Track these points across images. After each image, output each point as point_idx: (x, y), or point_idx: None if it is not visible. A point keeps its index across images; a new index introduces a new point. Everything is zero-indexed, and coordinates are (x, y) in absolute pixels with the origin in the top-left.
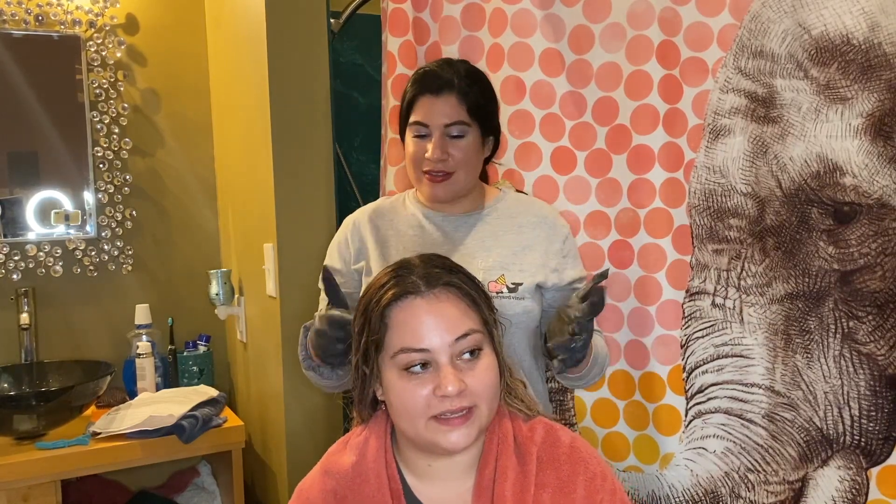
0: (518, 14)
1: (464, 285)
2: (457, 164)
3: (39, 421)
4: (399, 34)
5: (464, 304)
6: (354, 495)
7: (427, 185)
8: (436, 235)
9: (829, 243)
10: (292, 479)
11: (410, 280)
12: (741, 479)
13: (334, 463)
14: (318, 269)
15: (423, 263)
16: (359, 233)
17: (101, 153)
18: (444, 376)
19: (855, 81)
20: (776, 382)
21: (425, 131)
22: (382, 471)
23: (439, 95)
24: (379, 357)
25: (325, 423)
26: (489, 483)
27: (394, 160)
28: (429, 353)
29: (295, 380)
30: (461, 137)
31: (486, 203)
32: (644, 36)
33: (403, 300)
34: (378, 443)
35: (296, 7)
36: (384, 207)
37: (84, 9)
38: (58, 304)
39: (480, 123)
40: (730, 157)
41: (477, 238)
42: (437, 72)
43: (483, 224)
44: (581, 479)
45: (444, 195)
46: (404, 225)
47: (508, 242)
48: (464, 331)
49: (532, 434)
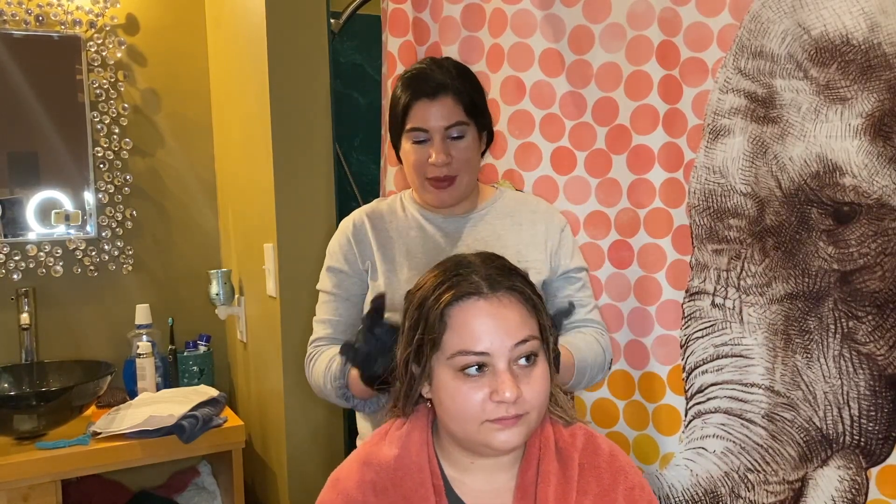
0: (518, 14)
1: (526, 289)
2: (460, 165)
3: (39, 421)
4: (399, 34)
5: (525, 310)
6: (396, 488)
7: (432, 193)
8: (438, 237)
9: (829, 243)
10: (292, 479)
11: (472, 280)
12: (741, 479)
13: (374, 454)
14: (319, 269)
15: (482, 263)
16: (361, 233)
17: (101, 153)
18: (501, 382)
19: (854, 82)
20: (776, 382)
21: (425, 136)
22: (425, 465)
23: (435, 99)
24: (433, 356)
25: (325, 423)
26: (531, 485)
27: (394, 160)
28: (487, 357)
29: (295, 380)
30: (461, 138)
31: (483, 202)
32: (644, 36)
33: (465, 301)
34: (421, 437)
35: (296, 7)
36: (381, 210)
37: (84, 9)
38: (58, 304)
39: (476, 120)
40: (729, 157)
41: (479, 238)
42: (429, 74)
43: (483, 224)
44: (622, 489)
45: (450, 199)
46: (405, 227)
47: (511, 242)
48: (523, 336)
49: (573, 440)
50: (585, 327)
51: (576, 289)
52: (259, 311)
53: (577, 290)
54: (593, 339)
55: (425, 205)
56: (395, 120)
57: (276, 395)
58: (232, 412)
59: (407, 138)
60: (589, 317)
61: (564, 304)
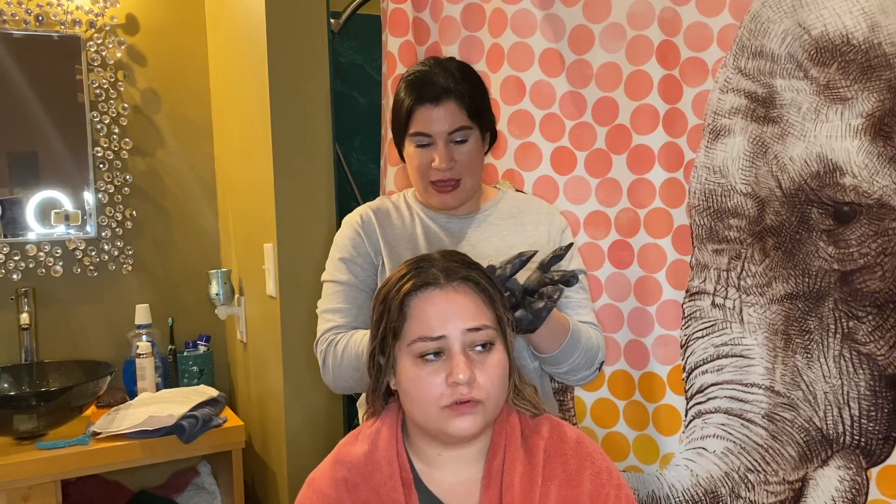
0: (518, 14)
1: (481, 280)
2: (463, 168)
3: (39, 421)
4: (399, 34)
5: (480, 299)
6: (366, 483)
7: (436, 196)
8: (442, 236)
9: (829, 243)
10: (292, 479)
11: (431, 272)
12: (741, 479)
13: (346, 453)
14: (319, 269)
15: (443, 258)
16: (369, 228)
17: (101, 153)
18: (455, 364)
19: (855, 81)
20: (776, 382)
21: (428, 140)
22: (394, 459)
23: (439, 104)
24: (395, 346)
25: (325, 423)
26: (498, 472)
27: (394, 160)
28: (444, 341)
29: (295, 380)
30: (464, 142)
31: (486, 203)
32: (644, 36)
33: (423, 291)
34: (390, 433)
35: (296, 7)
36: (387, 207)
37: (84, 9)
38: (58, 304)
39: (479, 122)
40: (730, 157)
41: (483, 238)
42: (432, 78)
43: (487, 224)
44: (588, 474)
45: (453, 202)
46: (410, 226)
47: (513, 242)
48: (477, 324)
49: (539, 429)
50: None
51: (574, 290)
52: (259, 311)
53: (574, 293)
54: (594, 332)
55: (430, 206)
56: (399, 123)
57: (275, 395)
58: (232, 412)
59: (410, 141)
60: (586, 319)
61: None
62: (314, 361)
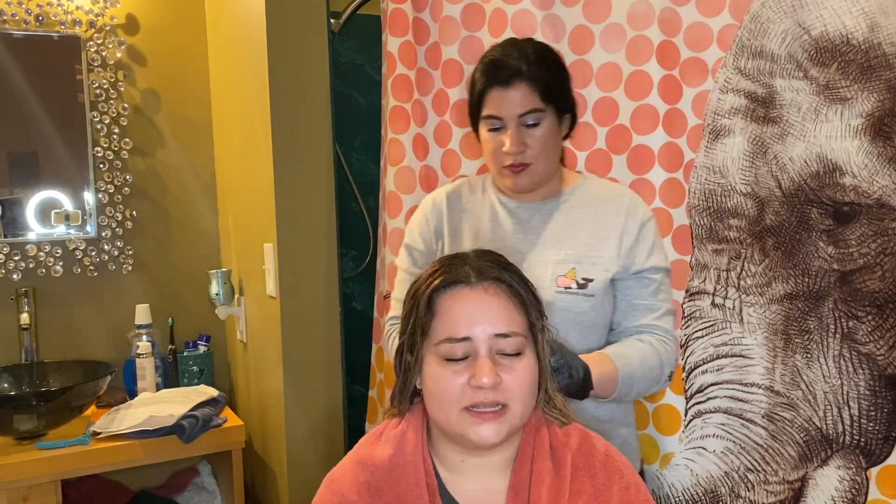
0: (518, 14)
1: (514, 284)
2: (535, 152)
3: (39, 421)
4: (399, 34)
5: (511, 303)
6: (390, 488)
7: (509, 178)
8: (508, 223)
9: (829, 243)
10: (292, 479)
11: (462, 270)
12: (741, 479)
13: (369, 455)
14: (319, 269)
15: (476, 256)
16: (437, 212)
17: (101, 153)
18: (479, 367)
19: (855, 82)
20: (776, 382)
21: (499, 124)
22: (420, 465)
23: (509, 86)
24: (424, 344)
25: (325, 423)
26: (525, 484)
27: (394, 160)
28: (469, 343)
29: (295, 380)
30: (537, 125)
31: (564, 189)
32: (644, 36)
33: (452, 288)
34: (416, 436)
35: (296, 7)
36: (462, 189)
37: (84, 9)
38: (58, 304)
39: (555, 105)
40: (729, 157)
41: (551, 228)
42: (504, 60)
43: (559, 213)
44: (616, 489)
45: (526, 185)
46: (479, 210)
47: (584, 233)
48: (507, 330)
49: (567, 440)
50: (647, 334)
51: (648, 292)
52: (259, 311)
53: (649, 294)
54: (650, 349)
55: (505, 189)
56: (472, 106)
57: (275, 395)
58: (232, 412)
59: (483, 125)
60: (655, 322)
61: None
62: (314, 361)
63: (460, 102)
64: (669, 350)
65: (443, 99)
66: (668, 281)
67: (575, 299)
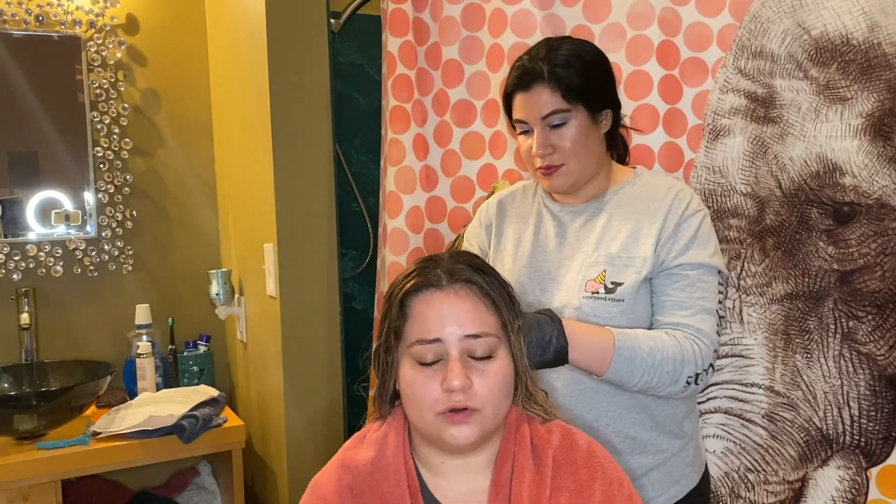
0: (518, 14)
1: (485, 285)
2: (564, 153)
3: (39, 421)
4: (399, 34)
5: (482, 304)
6: (372, 491)
7: (544, 180)
8: (551, 227)
9: (829, 243)
10: (292, 478)
11: (434, 273)
12: (741, 479)
13: (351, 458)
14: (319, 269)
15: (450, 258)
16: (489, 217)
17: (101, 153)
18: (450, 370)
19: (854, 81)
20: (776, 382)
21: (527, 127)
22: (401, 467)
23: (530, 90)
24: (398, 347)
25: (325, 423)
26: (506, 483)
27: (394, 160)
28: (441, 345)
29: (295, 380)
30: (563, 125)
31: (611, 188)
32: (644, 36)
33: (424, 291)
34: (397, 439)
35: (296, 7)
36: (516, 192)
37: (84, 9)
38: (58, 304)
39: (584, 103)
40: (729, 157)
41: (588, 229)
42: (526, 64)
43: (602, 214)
44: (599, 484)
45: (562, 186)
46: (525, 214)
47: (623, 233)
48: (477, 331)
49: (549, 436)
50: (676, 330)
51: (679, 287)
52: (259, 311)
53: (679, 289)
54: (672, 341)
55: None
56: (505, 110)
57: (275, 395)
58: (232, 412)
59: (517, 129)
60: (684, 321)
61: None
62: (314, 361)
63: (460, 102)
64: (697, 351)
65: (443, 99)
66: (710, 279)
67: (602, 305)
